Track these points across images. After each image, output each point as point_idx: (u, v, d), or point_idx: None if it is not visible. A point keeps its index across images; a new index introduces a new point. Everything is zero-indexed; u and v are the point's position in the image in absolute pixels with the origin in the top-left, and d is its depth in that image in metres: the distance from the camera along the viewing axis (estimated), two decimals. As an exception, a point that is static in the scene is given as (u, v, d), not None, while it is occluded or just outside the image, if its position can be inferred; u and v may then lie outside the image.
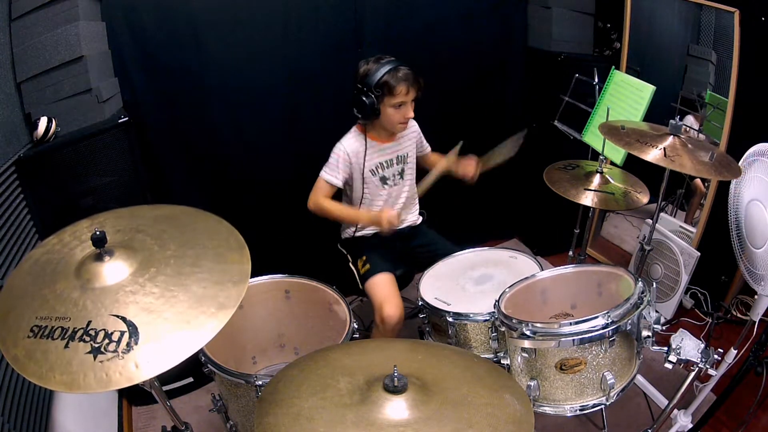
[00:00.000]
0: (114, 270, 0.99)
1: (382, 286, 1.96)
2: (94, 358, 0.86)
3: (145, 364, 0.86)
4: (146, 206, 1.24)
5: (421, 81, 1.89)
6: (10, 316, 0.97)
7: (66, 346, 0.88)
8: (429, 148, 2.25)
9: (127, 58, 2.10)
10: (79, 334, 0.89)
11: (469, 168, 2.08)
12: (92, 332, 0.89)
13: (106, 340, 0.88)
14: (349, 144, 1.98)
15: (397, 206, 2.11)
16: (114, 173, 1.87)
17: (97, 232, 0.99)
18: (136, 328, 0.89)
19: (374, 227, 2.05)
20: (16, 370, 0.88)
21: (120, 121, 1.87)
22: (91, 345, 0.88)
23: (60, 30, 1.76)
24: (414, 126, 2.15)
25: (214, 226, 1.15)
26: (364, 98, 1.85)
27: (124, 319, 0.90)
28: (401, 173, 2.09)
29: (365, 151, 1.97)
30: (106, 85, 1.96)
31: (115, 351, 0.86)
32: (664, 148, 1.59)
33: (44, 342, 0.90)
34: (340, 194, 2.13)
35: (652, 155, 1.58)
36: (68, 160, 1.77)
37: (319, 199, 1.99)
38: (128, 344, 0.87)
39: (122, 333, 0.89)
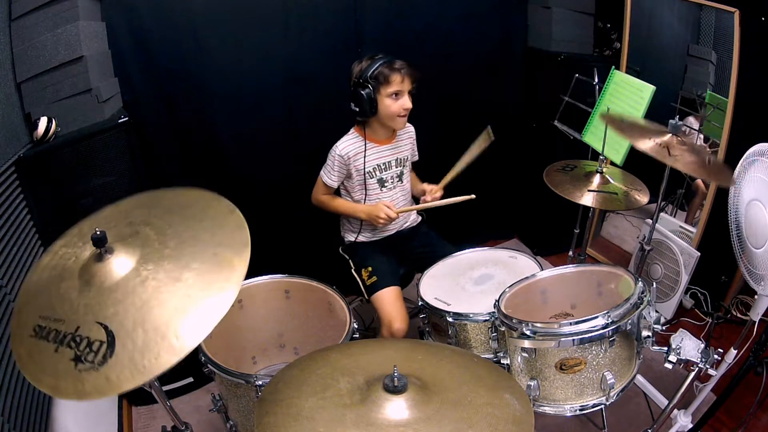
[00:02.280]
0: (110, 272, 0.99)
1: (391, 302, 1.95)
2: (75, 366, 0.87)
3: (115, 378, 0.85)
4: (167, 191, 1.20)
5: (416, 73, 1.91)
6: (23, 312, 0.99)
7: (56, 350, 0.89)
8: (416, 157, 2.22)
9: (127, 58, 2.10)
10: (67, 339, 0.90)
11: (432, 194, 2.07)
12: (78, 338, 0.90)
13: (87, 349, 0.88)
14: (345, 146, 1.98)
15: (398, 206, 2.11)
16: (114, 173, 1.87)
17: (98, 232, 0.99)
18: (114, 340, 0.89)
19: (371, 221, 2.00)
20: (20, 368, 0.90)
21: (120, 121, 1.87)
22: (75, 352, 0.88)
23: (60, 30, 1.76)
24: (412, 129, 2.15)
25: (224, 220, 1.11)
26: (360, 90, 1.85)
27: (106, 328, 0.90)
28: (400, 176, 2.09)
29: (364, 153, 1.97)
30: (106, 85, 1.96)
31: (92, 362, 0.87)
32: (667, 148, 1.59)
33: (42, 343, 0.91)
34: (338, 192, 2.13)
35: (650, 146, 1.57)
36: (68, 160, 1.77)
37: (319, 195, 2.08)
38: (104, 356, 0.87)
39: (101, 344, 0.89)
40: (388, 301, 1.95)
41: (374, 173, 2.03)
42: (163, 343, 0.88)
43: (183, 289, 0.94)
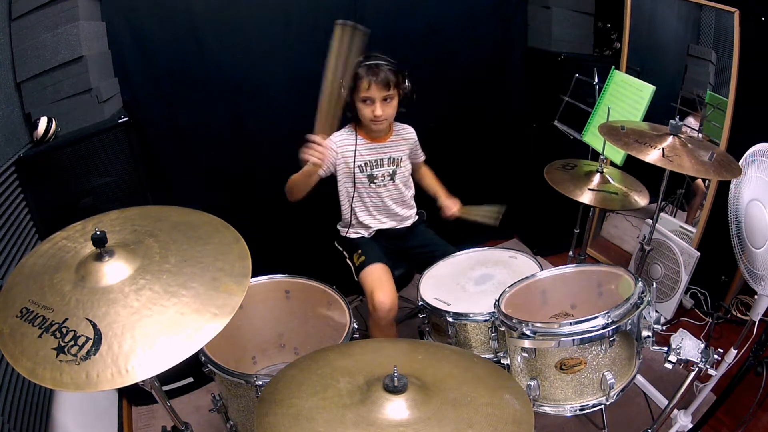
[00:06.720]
0: (107, 273, 0.99)
1: (375, 275, 1.96)
2: (56, 355, 0.88)
3: (95, 377, 0.86)
4: (177, 209, 1.23)
5: (391, 83, 1.85)
6: (12, 291, 1.00)
7: (39, 336, 0.90)
8: (423, 158, 2.24)
9: (127, 58, 2.10)
10: (53, 328, 0.91)
11: (453, 209, 2.12)
12: (64, 330, 0.91)
13: (72, 342, 0.89)
14: (338, 137, 2.00)
15: (387, 207, 2.12)
16: (114, 173, 1.87)
17: (98, 232, 0.99)
18: (101, 339, 0.89)
19: (310, 165, 1.84)
20: None
21: (120, 121, 1.87)
22: (59, 342, 0.89)
23: (60, 30, 1.76)
24: (411, 133, 2.15)
25: (228, 246, 1.11)
26: (344, 88, 1.79)
27: (95, 326, 0.91)
28: (392, 175, 2.09)
29: (355, 147, 1.99)
30: (106, 85, 1.96)
31: (74, 356, 0.87)
32: (663, 149, 1.59)
33: (26, 326, 0.92)
34: (335, 188, 2.12)
35: (651, 156, 1.58)
36: (68, 160, 1.77)
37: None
38: (88, 352, 0.88)
39: (87, 339, 0.89)
40: (373, 274, 1.97)
41: (364, 168, 2.04)
42: (150, 353, 0.89)
43: (177, 305, 0.95)
